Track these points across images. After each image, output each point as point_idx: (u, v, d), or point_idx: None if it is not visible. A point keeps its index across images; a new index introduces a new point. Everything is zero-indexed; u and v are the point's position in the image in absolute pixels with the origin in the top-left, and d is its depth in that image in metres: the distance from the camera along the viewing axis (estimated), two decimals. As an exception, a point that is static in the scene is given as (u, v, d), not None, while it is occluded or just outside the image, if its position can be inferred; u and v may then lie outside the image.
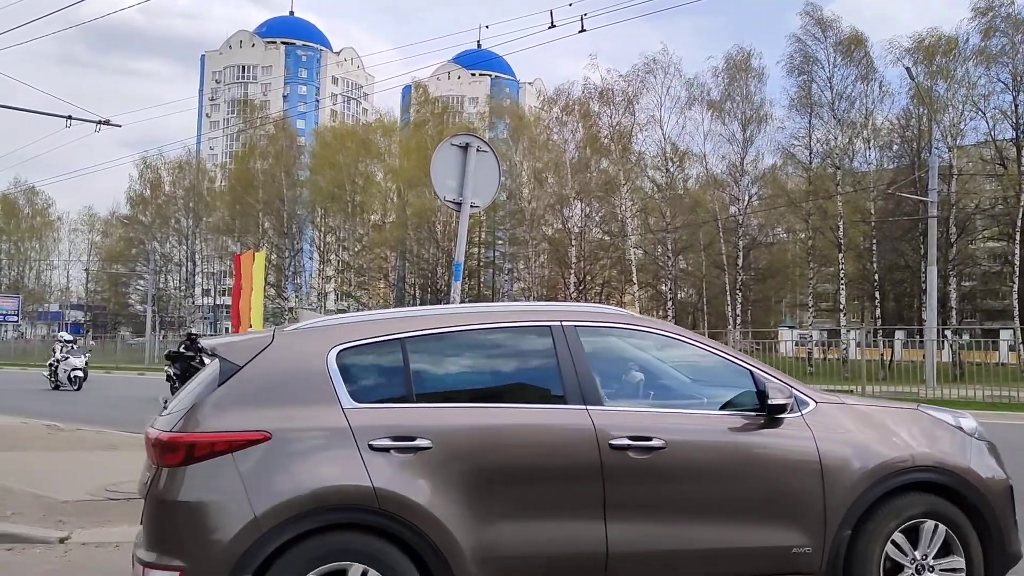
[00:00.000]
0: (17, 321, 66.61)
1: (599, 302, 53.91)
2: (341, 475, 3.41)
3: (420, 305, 53.69)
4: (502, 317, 4.16)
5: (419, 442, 3.49)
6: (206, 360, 18.12)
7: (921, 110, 39.58)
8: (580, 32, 17.37)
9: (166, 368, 19.53)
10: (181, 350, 18.70)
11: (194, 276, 69.64)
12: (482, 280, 56.23)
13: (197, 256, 68.77)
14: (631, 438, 3.70)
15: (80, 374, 23.38)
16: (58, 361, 23.60)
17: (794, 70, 41.13)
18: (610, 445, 3.67)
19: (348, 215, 55.51)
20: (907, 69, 32.28)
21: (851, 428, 4.04)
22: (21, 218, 75.55)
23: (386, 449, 3.47)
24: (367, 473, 3.41)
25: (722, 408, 4.00)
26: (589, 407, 3.74)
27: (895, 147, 43.67)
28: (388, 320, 4.03)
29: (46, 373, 24.25)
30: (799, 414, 3.95)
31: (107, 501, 6.56)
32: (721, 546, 3.78)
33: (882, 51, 44.20)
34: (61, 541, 5.39)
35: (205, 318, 73.78)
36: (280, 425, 3.45)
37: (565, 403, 3.76)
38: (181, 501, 3.37)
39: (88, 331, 66.58)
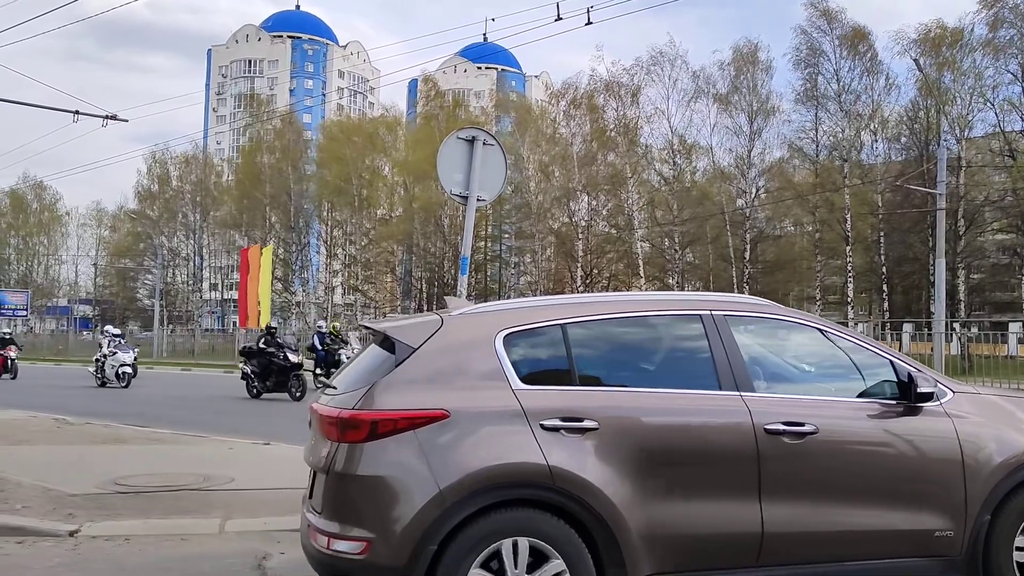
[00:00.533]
0: (26, 315, 66.87)
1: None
2: (518, 453, 3.57)
3: (427, 299, 53.85)
4: (653, 305, 4.34)
5: (586, 423, 3.66)
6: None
7: (929, 102, 39.38)
8: (587, 25, 17.23)
9: (241, 366, 19.13)
10: (261, 345, 18.47)
11: (202, 270, 69.80)
12: (489, 274, 56.21)
13: (205, 250, 68.91)
14: (785, 423, 3.87)
15: (129, 370, 21.74)
16: (105, 356, 22.10)
17: (800, 63, 41.02)
18: (765, 430, 3.84)
19: (355, 209, 55.49)
20: (915, 61, 32.16)
21: (987, 417, 4.21)
22: (29, 213, 75.72)
23: (556, 429, 3.63)
24: (541, 452, 3.57)
25: (860, 396, 4.17)
26: (743, 393, 3.92)
27: (903, 139, 43.49)
28: (548, 307, 4.20)
29: (91, 369, 23.10)
30: (939, 403, 4.12)
31: (116, 494, 6.59)
32: (867, 528, 3.94)
33: (888, 43, 44.02)
34: (71, 534, 5.41)
35: (212, 312, 73.99)
36: (457, 404, 3.62)
37: (719, 388, 3.93)
38: (366, 475, 3.55)
39: (97, 325, 66.85)
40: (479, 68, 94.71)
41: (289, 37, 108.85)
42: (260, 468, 8.11)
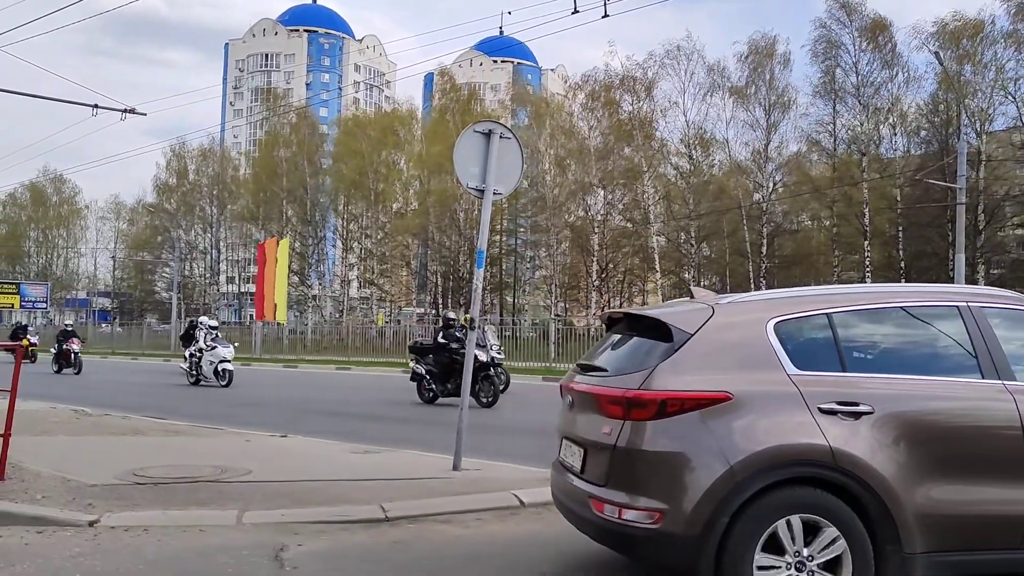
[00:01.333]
0: (46, 308, 67.51)
1: (621, 290, 54.00)
2: (800, 434, 3.79)
3: (442, 293, 53.89)
4: (913, 297, 4.50)
5: (861, 407, 3.87)
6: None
7: (949, 95, 38.96)
8: (604, 17, 17.14)
9: (412, 366, 16.65)
10: (440, 340, 15.97)
11: (219, 263, 70.21)
12: (504, 268, 56.19)
13: (222, 244, 69.32)
14: None
15: (229, 367, 19.65)
16: (201, 351, 20.18)
17: (818, 55, 40.67)
18: None
19: (371, 203, 55.60)
20: (935, 54, 31.71)
21: None
22: (49, 206, 76.43)
23: (834, 412, 3.84)
24: (822, 433, 3.78)
25: None
26: (1005, 381, 4.10)
27: (922, 133, 43.03)
28: (814, 297, 4.40)
29: (184, 366, 21.16)
30: None
31: (134, 485, 6.63)
32: None
33: (908, 35, 43.56)
34: (91, 525, 5.45)
35: (230, 305, 74.41)
36: (738, 387, 3.85)
37: (981, 377, 4.11)
38: (655, 451, 3.81)
39: (115, 318, 67.42)
40: (495, 62, 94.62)
41: (306, 31, 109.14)
42: (277, 460, 8.15)
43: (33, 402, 12.63)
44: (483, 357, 14.43)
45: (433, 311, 53.41)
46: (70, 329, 26.10)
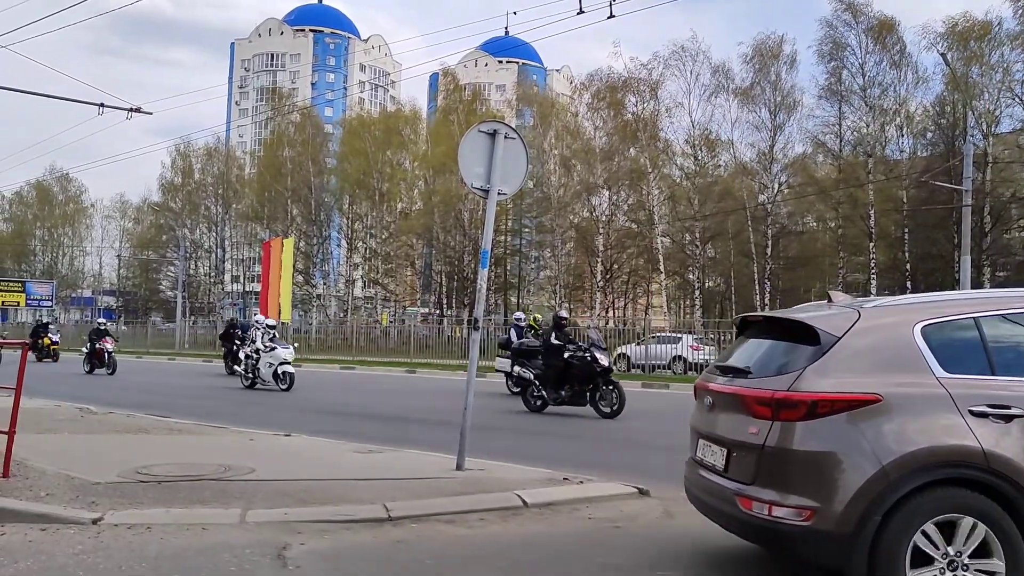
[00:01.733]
0: (51, 306, 67.71)
1: (625, 291, 53.95)
2: (951, 436, 3.86)
3: (447, 292, 53.91)
4: None
5: (1013, 410, 3.91)
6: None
7: (955, 96, 38.85)
8: (609, 18, 17.19)
9: (516, 371, 14.86)
10: (554, 341, 13.99)
11: (223, 262, 70.31)
12: (508, 268, 56.19)
13: (226, 243, 69.42)
14: None
15: (290, 369, 18.23)
16: (259, 352, 18.71)
17: (824, 56, 40.62)
18: None
19: (375, 203, 55.66)
20: (942, 56, 31.69)
21: None
22: (55, 205, 76.69)
23: (985, 415, 3.89)
24: (974, 435, 3.84)
25: None
26: None
27: (929, 135, 42.95)
28: (960, 301, 4.53)
29: (239, 368, 19.88)
30: None
31: (138, 483, 6.64)
32: None
33: (915, 37, 43.46)
34: (94, 522, 5.45)
35: (234, 304, 74.53)
36: (887, 390, 3.93)
37: None
38: (806, 450, 3.92)
39: (120, 316, 67.57)
40: (500, 62, 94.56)
41: (311, 31, 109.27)
42: (280, 459, 8.15)
43: (38, 400, 12.67)
44: (604, 361, 13.42)
45: (437, 311, 53.44)
46: (103, 328, 25.06)
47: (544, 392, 13.91)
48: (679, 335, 27.84)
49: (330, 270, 61.62)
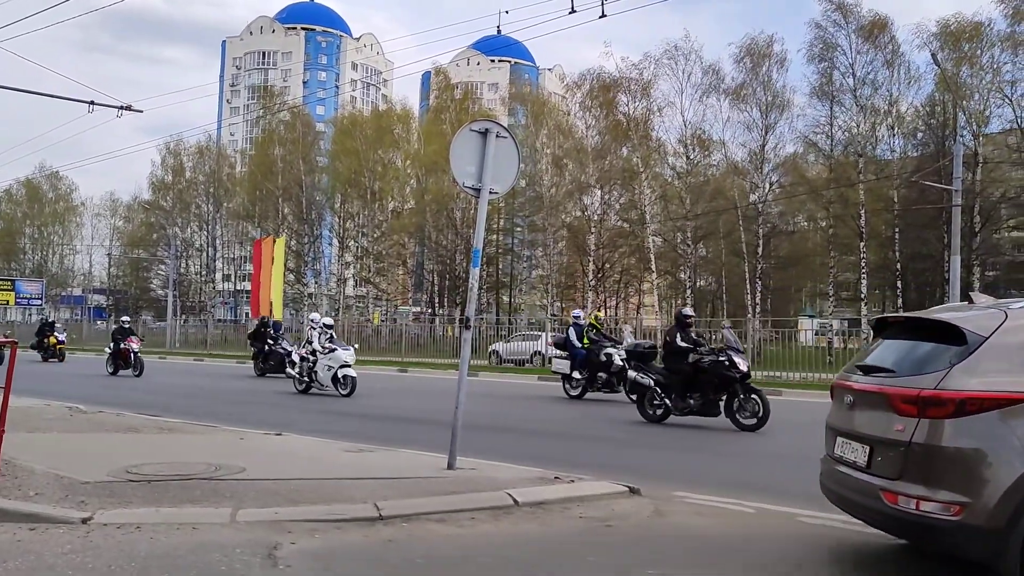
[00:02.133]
0: (41, 305, 67.37)
1: (617, 290, 54.02)
2: None
3: (439, 292, 53.89)
4: None
5: None
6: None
7: (946, 97, 39.03)
8: (601, 17, 17.19)
9: (633, 377, 13.01)
10: (680, 344, 12.64)
11: (214, 261, 70.13)
12: (500, 267, 56.20)
13: (217, 241, 69.23)
14: None
15: (351, 372, 16.92)
16: (316, 354, 17.42)
17: (815, 57, 40.71)
18: None
19: (367, 202, 55.59)
20: (933, 56, 31.80)
21: None
22: (45, 203, 76.29)
23: None
24: None
25: None
26: None
27: (919, 135, 43.17)
28: None
29: (294, 371, 18.39)
30: None
31: (128, 483, 6.61)
32: None
33: (907, 36, 43.69)
34: (83, 521, 5.43)
35: (225, 303, 74.34)
36: None
37: None
38: (954, 447, 3.98)
39: (111, 315, 67.29)
40: (492, 61, 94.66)
41: (303, 29, 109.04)
42: (272, 458, 8.14)
43: (27, 399, 12.60)
44: (743, 366, 11.93)
45: (429, 310, 53.42)
46: (127, 326, 23.62)
47: (668, 400, 12.42)
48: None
49: (322, 269, 61.52)
